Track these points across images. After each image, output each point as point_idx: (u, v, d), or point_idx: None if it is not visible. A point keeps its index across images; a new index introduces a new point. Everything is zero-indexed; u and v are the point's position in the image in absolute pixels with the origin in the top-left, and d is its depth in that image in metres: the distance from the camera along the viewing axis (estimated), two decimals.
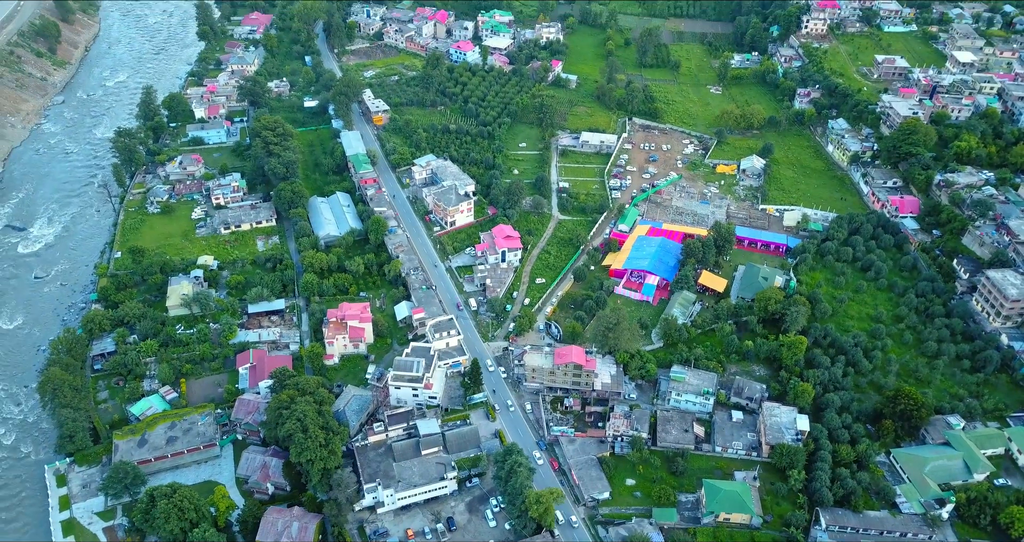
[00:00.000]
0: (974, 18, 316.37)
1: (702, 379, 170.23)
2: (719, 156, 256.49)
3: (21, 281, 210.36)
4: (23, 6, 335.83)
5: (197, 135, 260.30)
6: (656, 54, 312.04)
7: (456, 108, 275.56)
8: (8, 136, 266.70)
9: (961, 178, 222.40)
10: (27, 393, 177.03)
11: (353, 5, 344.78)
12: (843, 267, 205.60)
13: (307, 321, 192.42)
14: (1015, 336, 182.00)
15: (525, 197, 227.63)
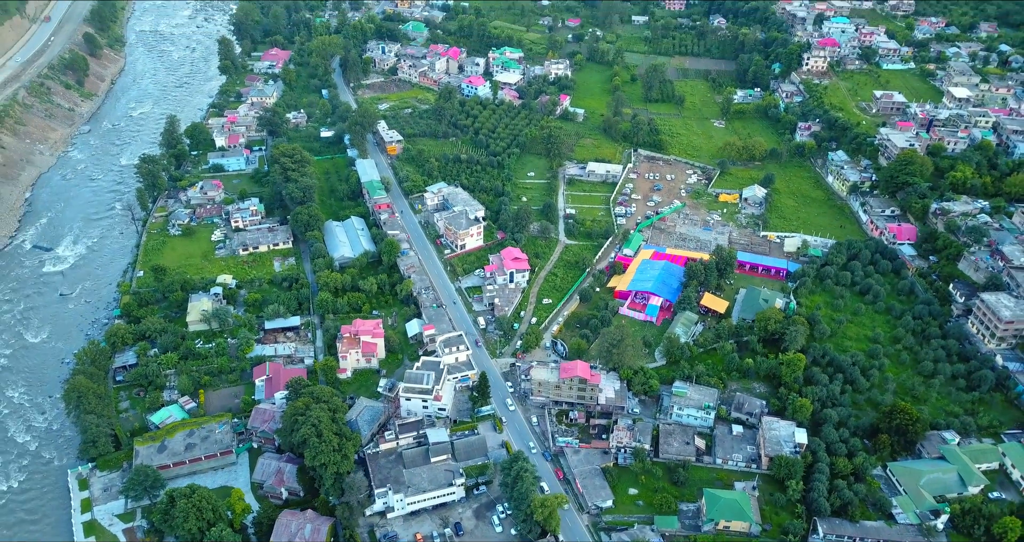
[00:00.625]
0: (971, 56, 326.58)
1: (703, 394, 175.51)
2: (722, 186, 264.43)
3: (47, 298, 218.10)
4: (54, 41, 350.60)
5: (217, 162, 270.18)
6: (661, 89, 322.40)
7: (467, 139, 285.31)
8: (37, 162, 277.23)
9: (957, 206, 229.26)
10: (51, 403, 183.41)
11: (369, 42, 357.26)
12: (842, 291, 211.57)
13: (321, 337, 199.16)
14: (1009, 357, 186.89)
15: (533, 222, 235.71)
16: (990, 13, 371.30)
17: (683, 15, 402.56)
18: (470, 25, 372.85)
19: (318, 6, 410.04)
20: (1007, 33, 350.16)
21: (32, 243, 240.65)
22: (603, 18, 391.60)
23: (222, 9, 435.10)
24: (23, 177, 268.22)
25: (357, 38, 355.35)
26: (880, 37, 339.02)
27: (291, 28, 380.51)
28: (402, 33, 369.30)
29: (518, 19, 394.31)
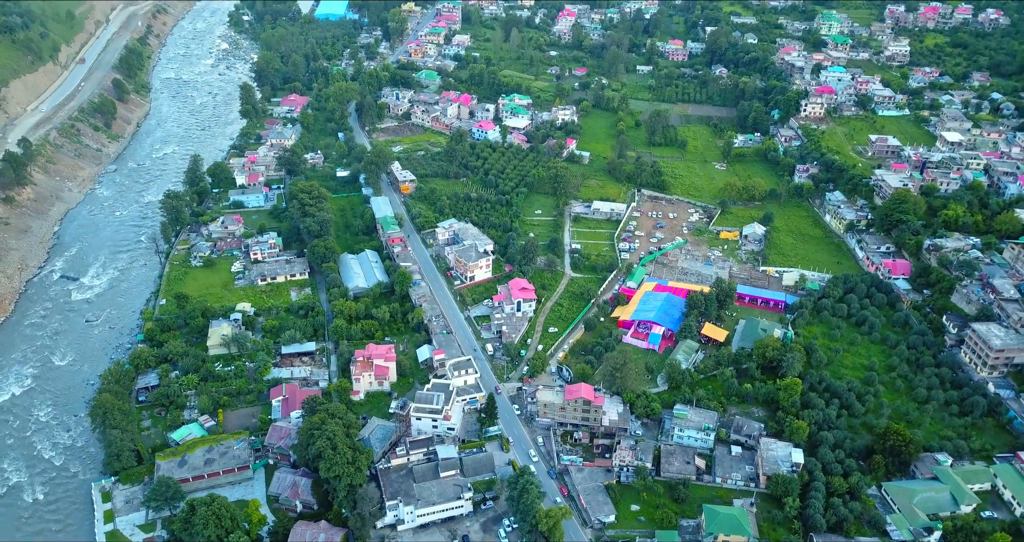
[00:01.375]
0: (963, 104, 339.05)
1: (703, 417, 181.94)
2: (722, 224, 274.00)
3: (73, 324, 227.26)
4: (84, 86, 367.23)
5: (238, 199, 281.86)
6: (664, 134, 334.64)
7: (477, 179, 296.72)
8: (65, 199, 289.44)
9: (949, 243, 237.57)
10: (76, 421, 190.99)
11: (384, 89, 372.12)
12: (838, 322, 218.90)
13: (335, 362, 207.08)
14: (1001, 384, 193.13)
15: (540, 256, 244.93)
16: (982, 64, 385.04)
17: (686, 65, 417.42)
18: (481, 73, 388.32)
19: (335, 55, 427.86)
20: (998, 82, 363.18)
21: (60, 273, 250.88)
22: (608, 68, 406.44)
23: (243, 58, 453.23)
24: (52, 212, 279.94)
25: (372, 85, 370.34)
26: (875, 85, 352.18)
27: (309, 76, 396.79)
28: (415, 81, 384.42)
29: (527, 68, 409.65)
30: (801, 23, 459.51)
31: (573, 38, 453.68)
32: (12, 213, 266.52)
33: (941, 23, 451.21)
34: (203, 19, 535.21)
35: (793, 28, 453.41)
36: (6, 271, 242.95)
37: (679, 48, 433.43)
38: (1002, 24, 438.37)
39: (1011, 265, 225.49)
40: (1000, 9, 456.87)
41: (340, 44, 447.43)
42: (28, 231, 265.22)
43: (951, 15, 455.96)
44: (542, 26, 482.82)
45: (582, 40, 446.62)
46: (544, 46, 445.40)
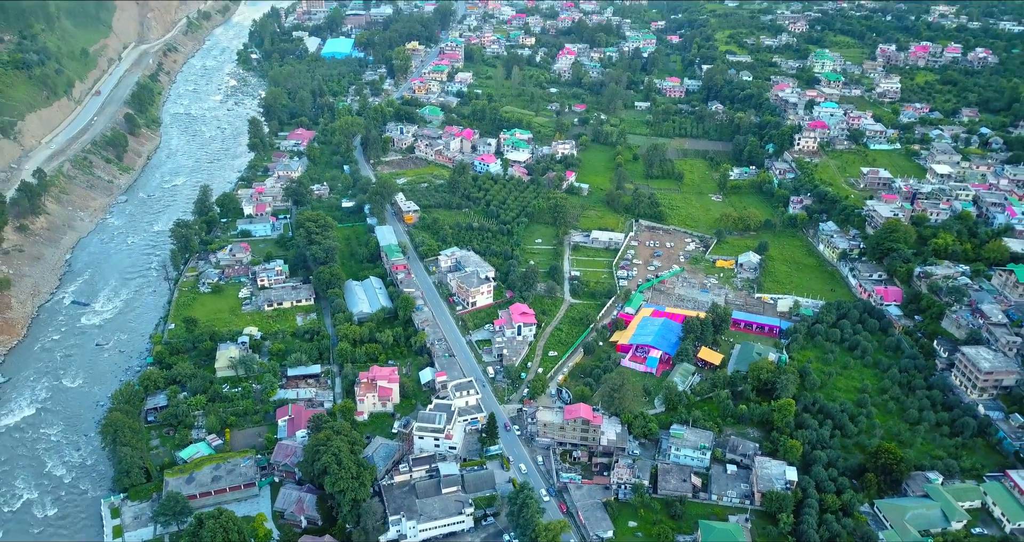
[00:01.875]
0: (953, 138, 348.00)
1: (699, 436, 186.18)
2: (718, 253, 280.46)
3: (84, 348, 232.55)
4: (97, 120, 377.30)
5: (245, 228, 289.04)
6: (661, 167, 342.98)
7: (479, 210, 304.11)
8: (77, 228, 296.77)
9: (939, 270, 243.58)
10: (86, 440, 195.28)
11: (388, 123, 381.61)
12: (832, 347, 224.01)
13: (340, 384, 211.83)
14: (991, 406, 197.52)
15: (540, 283, 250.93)
16: (971, 100, 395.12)
17: (683, 102, 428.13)
18: (482, 109, 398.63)
19: (341, 91, 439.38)
20: (987, 117, 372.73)
21: (71, 299, 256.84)
22: (607, 104, 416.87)
23: (251, 94, 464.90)
24: (64, 240, 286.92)
25: (377, 120, 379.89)
26: (867, 120, 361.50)
27: (316, 111, 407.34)
28: (419, 116, 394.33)
29: (527, 105, 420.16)
30: (795, 61, 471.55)
31: (573, 76, 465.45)
32: (26, 241, 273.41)
33: (931, 62, 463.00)
34: (212, 57, 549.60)
35: (787, 66, 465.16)
36: (19, 297, 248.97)
37: (676, 85, 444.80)
38: (990, 63, 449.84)
39: (999, 291, 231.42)
40: (988, 48, 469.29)
41: (346, 81, 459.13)
42: (41, 258, 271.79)
43: (941, 54, 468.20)
44: (543, 64, 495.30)
45: (581, 77, 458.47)
46: (544, 83, 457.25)
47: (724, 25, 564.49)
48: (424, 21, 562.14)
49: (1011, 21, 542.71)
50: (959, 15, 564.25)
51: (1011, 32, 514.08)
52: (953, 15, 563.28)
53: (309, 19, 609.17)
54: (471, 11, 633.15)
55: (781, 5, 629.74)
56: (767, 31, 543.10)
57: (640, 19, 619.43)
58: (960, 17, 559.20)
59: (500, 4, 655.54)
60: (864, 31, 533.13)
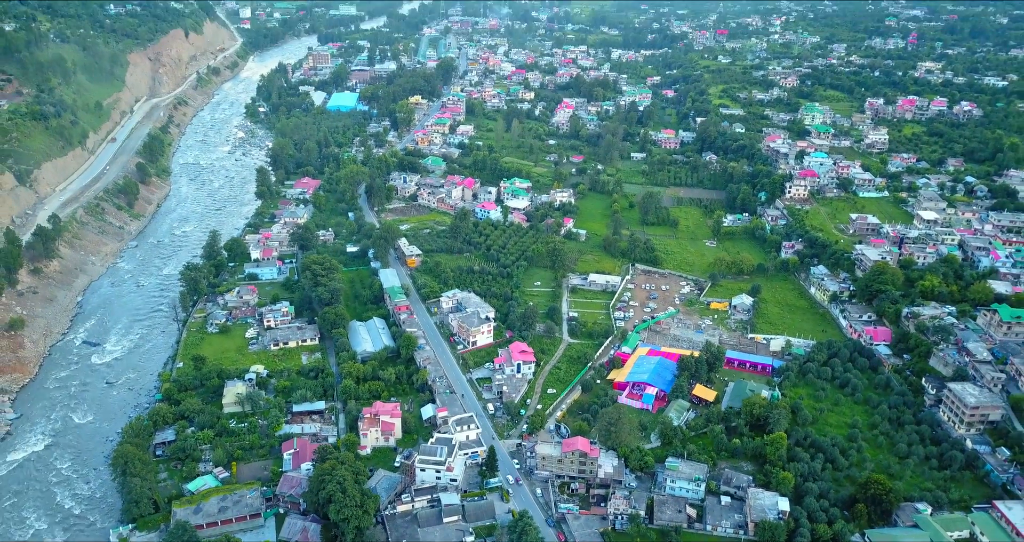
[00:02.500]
0: (939, 186, 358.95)
1: (694, 469, 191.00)
2: (712, 295, 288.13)
3: (94, 386, 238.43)
4: (109, 169, 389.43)
5: (252, 272, 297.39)
6: (657, 214, 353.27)
7: (480, 254, 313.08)
8: (89, 271, 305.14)
9: (926, 311, 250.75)
10: (96, 474, 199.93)
11: (392, 173, 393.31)
12: (823, 384, 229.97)
13: (344, 419, 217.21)
14: (978, 441, 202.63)
15: (539, 324, 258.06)
16: (957, 150, 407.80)
17: (677, 153, 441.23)
18: (483, 160, 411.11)
19: (346, 143, 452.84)
20: (972, 167, 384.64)
21: (82, 339, 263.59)
22: (604, 155, 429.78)
23: (258, 146, 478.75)
24: (76, 283, 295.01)
25: (381, 169, 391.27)
26: (856, 169, 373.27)
27: (321, 161, 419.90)
28: (422, 166, 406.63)
29: (527, 156, 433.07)
30: (786, 114, 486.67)
31: (571, 128, 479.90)
32: (39, 283, 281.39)
33: (918, 114, 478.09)
34: (221, 110, 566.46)
35: (778, 119, 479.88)
36: (32, 336, 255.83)
37: (671, 137, 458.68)
38: (975, 115, 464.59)
39: (984, 330, 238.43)
40: (973, 102, 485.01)
41: (351, 133, 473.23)
42: (53, 300, 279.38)
43: (927, 107, 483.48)
44: (541, 117, 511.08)
45: (579, 130, 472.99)
46: (543, 136, 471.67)
47: (717, 80, 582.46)
48: (427, 76, 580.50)
49: (995, 76, 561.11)
50: (944, 71, 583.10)
51: (995, 87, 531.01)
52: (939, 71, 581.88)
53: (315, 74, 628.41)
54: (472, 67, 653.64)
55: (773, 62, 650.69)
56: (759, 86, 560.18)
57: (636, 75, 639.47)
58: (945, 72, 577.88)
59: (500, 61, 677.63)
60: (853, 86, 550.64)
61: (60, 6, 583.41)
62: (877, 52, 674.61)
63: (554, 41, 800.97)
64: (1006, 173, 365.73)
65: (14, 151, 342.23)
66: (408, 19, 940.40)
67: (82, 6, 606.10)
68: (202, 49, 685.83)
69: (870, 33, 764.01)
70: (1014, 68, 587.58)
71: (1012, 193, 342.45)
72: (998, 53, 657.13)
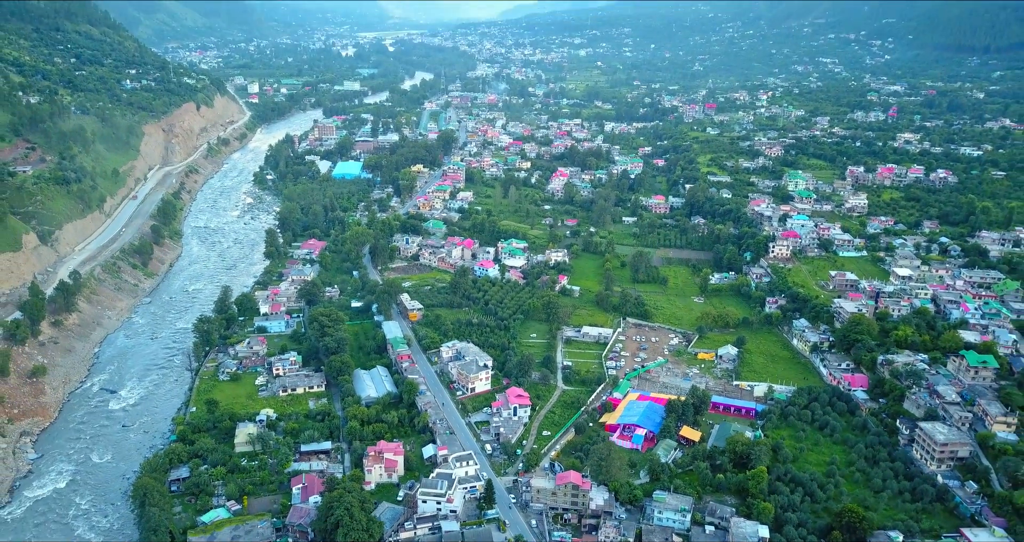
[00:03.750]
0: (915, 246, 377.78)
1: (680, 500, 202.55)
2: (700, 346, 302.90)
3: (111, 429, 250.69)
4: (125, 231, 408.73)
5: (262, 325, 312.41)
6: (647, 273, 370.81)
7: (478, 309, 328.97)
8: (105, 325, 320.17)
9: (900, 358, 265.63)
10: (113, 508, 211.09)
11: (395, 234, 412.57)
12: (803, 426, 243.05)
13: (349, 458, 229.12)
14: (948, 476, 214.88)
15: (534, 372, 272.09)
16: (932, 214, 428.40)
17: (667, 217, 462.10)
18: (482, 223, 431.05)
19: (350, 207, 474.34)
20: (947, 229, 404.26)
21: (99, 386, 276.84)
22: (597, 218, 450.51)
23: (266, 211, 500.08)
24: (93, 335, 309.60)
25: (385, 231, 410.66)
26: (836, 231, 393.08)
27: (327, 224, 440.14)
28: (424, 229, 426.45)
29: (523, 219, 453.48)
30: (770, 181, 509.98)
31: (565, 195, 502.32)
32: (59, 334, 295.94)
33: (896, 181, 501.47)
34: (230, 178, 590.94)
35: (763, 185, 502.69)
36: (52, 383, 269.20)
37: (661, 202, 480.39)
38: (950, 182, 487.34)
39: (954, 375, 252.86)
40: (949, 169, 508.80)
41: (355, 198, 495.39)
42: (72, 351, 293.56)
43: (905, 175, 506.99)
44: (537, 185, 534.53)
45: (573, 196, 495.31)
46: (539, 201, 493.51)
47: (706, 150, 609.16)
48: (428, 147, 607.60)
49: (970, 146, 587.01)
50: (922, 141, 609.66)
51: (970, 156, 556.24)
52: (917, 141, 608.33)
53: (320, 145, 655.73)
54: (471, 139, 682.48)
55: (759, 133, 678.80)
56: (745, 155, 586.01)
57: (628, 145, 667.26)
58: (923, 143, 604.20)
59: (498, 133, 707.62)
60: (835, 155, 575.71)
61: (80, 81, 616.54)
62: (859, 124, 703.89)
63: (550, 115, 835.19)
64: (978, 234, 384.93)
65: (38, 213, 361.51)
66: (410, 94, 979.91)
67: (100, 81, 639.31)
68: (213, 121, 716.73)
69: (852, 107, 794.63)
70: (988, 139, 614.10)
71: (983, 252, 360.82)
72: (974, 125, 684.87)
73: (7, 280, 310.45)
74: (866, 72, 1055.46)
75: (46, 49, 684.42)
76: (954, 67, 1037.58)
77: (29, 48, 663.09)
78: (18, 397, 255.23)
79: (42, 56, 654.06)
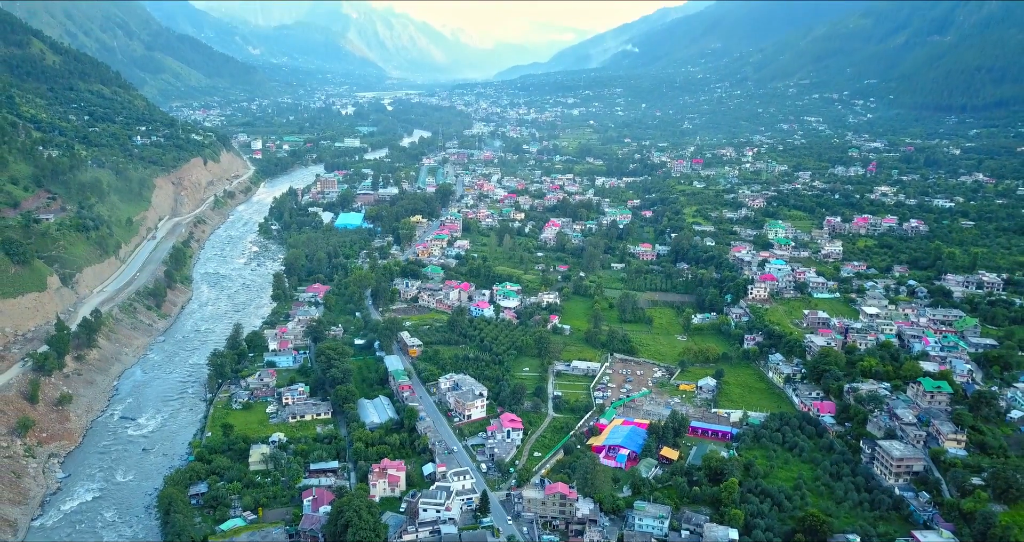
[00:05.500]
0: (885, 288, 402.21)
1: (658, 509, 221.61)
2: (682, 379, 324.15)
3: (131, 452, 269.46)
4: (139, 276, 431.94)
5: (271, 360, 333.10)
6: (634, 313, 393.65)
7: (474, 345, 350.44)
8: (123, 361, 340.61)
9: (864, 386, 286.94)
10: (137, 520, 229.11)
11: (395, 279, 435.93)
12: (775, 447, 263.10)
13: (355, 475, 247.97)
14: (904, 488, 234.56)
15: (527, 401, 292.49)
16: (903, 259, 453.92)
17: (654, 263, 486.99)
18: (478, 268, 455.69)
19: (353, 255, 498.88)
20: (915, 273, 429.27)
21: (120, 415, 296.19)
22: (587, 264, 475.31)
23: (272, 258, 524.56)
24: (112, 370, 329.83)
25: (386, 276, 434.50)
26: (811, 274, 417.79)
27: (331, 270, 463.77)
28: (423, 273, 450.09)
29: (517, 265, 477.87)
30: (752, 230, 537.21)
31: (557, 243, 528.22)
32: (82, 368, 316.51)
33: (871, 230, 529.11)
34: (236, 228, 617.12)
35: (745, 234, 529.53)
36: (76, 411, 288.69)
37: (648, 250, 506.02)
38: (922, 231, 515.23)
39: (912, 400, 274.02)
40: (922, 219, 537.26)
41: (357, 246, 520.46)
42: (93, 383, 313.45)
43: (879, 224, 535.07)
44: (531, 234, 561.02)
45: (565, 244, 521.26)
46: (532, 249, 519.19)
47: (692, 202, 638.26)
48: (426, 199, 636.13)
49: (944, 198, 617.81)
50: (898, 194, 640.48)
51: (943, 207, 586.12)
52: (893, 194, 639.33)
53: (323, 197, 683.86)
54: (468, 192, 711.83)
55: (743, 186, 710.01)
56: (729, 207, 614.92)
57: (618, 198, 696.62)
58: (899, 195, 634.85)
59: (494, 187, 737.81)
60: (814, 206, 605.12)
61: (94, 137, 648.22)
62: (839, 178, 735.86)
63: (543, 170, 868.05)
64: (944, 277, 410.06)
65: (60, 257, 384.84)
66: (408, 151, 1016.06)
67: (113, 137, 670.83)
68: (219, 175, 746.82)
69: (834, 162, 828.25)
70: (961, 191, 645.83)
71: (947, 293, 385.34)
72: (948, 179, 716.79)
73: (33, 318, 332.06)
74: (849, 130, 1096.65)
75: (61, 107, 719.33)
76: (933, 125, 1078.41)
77: (45, 106, 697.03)
78: (46, 422, 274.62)
79: (58, 113, 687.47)
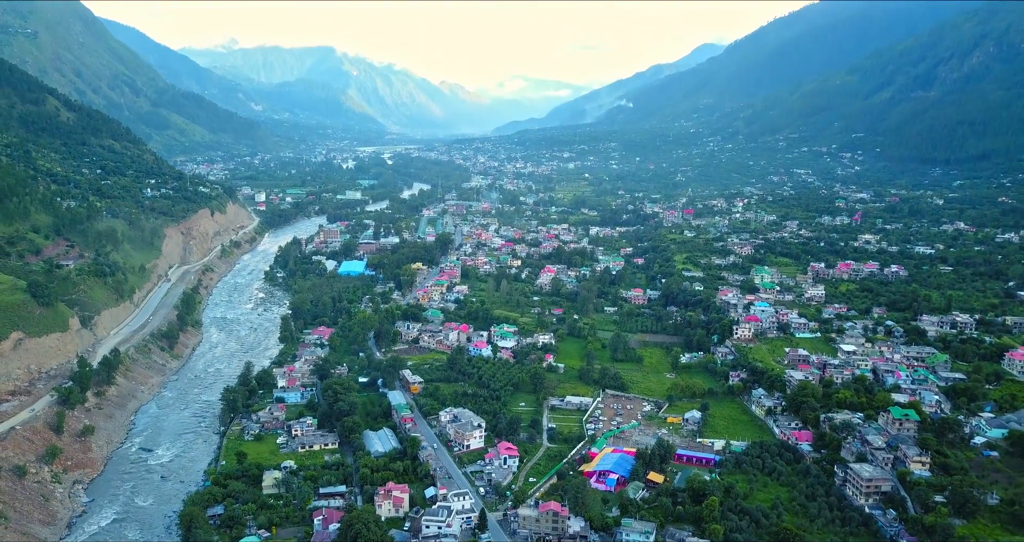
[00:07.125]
0: (863, 328, 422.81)
1: (644, 526, 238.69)
2: (669, 412, 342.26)
3: (150, 479, 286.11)
4: (152, 319, 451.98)
5: (280, 396, 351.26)
6: (625, 353, 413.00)
7: (473, 382, 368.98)
8: (139, 397, 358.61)
9: (839, 416, 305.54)
10: (159, 539, 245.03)
11: (397, 321, 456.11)
12: (755, 472, 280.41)
13: (361, 498, 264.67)
14: (873, 507, 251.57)
15: (522, 432, 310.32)
16: (882, 301, 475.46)
17: (645, 307, 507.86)
18: (476, 311, 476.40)
19: (356, 300, 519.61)
20: (893, 314, 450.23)
21: (138, 447, 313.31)
22: (581, 308, 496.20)
23: (278, 304, 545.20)
24: (129, 405, 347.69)
25: (388, 318, 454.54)
26: (793, 316, 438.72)
27: (335, 313, 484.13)
28: (423, 317, 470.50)
29: (514, 308, 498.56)
30: (739, 275, 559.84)
31: (552, 288, 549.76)
32: (102, 402, 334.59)
33: (853, 275, 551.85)
34: (243, 276, 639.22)
35: (733, 279, 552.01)
36: (97, 442, 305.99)
37: (639, 294, 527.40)
38: (902, 276, 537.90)
39: (883, 428, 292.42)
40: (902, 265, 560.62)
41: (360, 292, 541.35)
42: (112, 417, 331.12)
43: (861, 270, 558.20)
44: (527, 280, 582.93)
45: (560, 289, 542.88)
46: (528, 294, 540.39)
47: (682, 250, 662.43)
48: (426, 247, 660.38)
49: (925, 246, 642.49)
50: (881, 242, 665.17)
51: (923, 254, 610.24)
52: (876, 241, 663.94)
53: (326, 247, 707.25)
54: (467, 241, 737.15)
55: (732, 235, 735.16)
56: (718, 254, 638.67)
57: (611, 247, 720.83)
58: (882, 243, 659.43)
59: (492, 236, 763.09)
60: (800, 253, 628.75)
61: (107, 189, 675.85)
62: (825, 227, 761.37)
63: (539, 220, 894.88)
64: (920, 318, 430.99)
65: (80, 300, 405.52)
66: (408, 202, 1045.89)
67: (124, 189, 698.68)
68: (225, 226, 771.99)
69: (820, 212, 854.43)
70: (942, 239, 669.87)
71: (922, 333, 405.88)
72: (931, 228, 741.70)
73: (56, 356, 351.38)
74: (836, 182, 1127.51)
75: (75, 161, 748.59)
76: (918, 177, 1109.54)
77: (60, 160, 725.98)
78: (71, 452, 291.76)
79: (72, 167, 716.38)
